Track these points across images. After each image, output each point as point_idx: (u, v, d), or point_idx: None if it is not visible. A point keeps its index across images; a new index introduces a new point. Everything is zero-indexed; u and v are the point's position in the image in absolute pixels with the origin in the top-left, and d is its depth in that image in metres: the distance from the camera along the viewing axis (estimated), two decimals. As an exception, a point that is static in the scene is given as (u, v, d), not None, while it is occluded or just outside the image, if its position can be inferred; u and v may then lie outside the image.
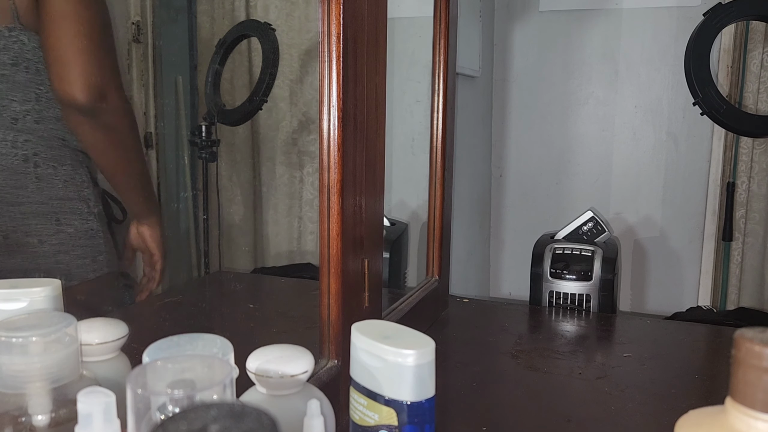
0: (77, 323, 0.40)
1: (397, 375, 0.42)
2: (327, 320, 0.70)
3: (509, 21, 2.17)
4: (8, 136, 0.57)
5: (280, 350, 0.48)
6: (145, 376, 0.33)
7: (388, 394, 0.42)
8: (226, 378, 0.32)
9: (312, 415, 0.44)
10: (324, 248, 0.69)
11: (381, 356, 0.42)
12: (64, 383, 0.39)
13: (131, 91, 1.04)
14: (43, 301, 0.45)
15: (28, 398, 0.38)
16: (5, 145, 0.57)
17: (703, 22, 1.18)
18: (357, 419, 0.45)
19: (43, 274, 0.53)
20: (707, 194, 2.02)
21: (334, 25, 0.66)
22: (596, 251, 1.26)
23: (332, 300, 0.70)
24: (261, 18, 1.21)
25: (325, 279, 0.70)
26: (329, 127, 0.67)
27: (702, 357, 1.05)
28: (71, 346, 0.39)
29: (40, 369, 0.38)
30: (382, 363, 0.42)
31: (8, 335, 0.37)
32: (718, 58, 1.95)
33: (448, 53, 1.11)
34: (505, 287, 2.28)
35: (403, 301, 1.00)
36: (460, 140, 1.75)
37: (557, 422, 0.77)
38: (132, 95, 1.04)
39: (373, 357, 0.43)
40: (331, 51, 0.66)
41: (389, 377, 0.42)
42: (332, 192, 0.68)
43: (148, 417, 0.31)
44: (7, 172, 0.57)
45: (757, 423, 0.32)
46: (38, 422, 0.38)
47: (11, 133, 0.57)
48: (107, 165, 0.68)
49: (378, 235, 0.79)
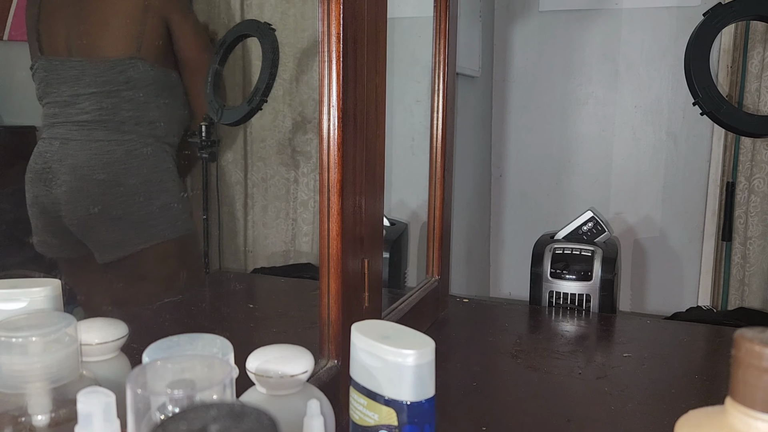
0: (77, 323, 0.40)
1: (397, 375, 0.42)
2: (327, 320, 0.70)
3: (509, 21, 2.17)
4: (116, 136, 0.78)
5: (279, 350, 0.48)
6: (144, 376, 0.33)
7: (388, 394, 0.42)
8: (225, 378, 0.32)
9: (312, 415, 0.44)
10: (324, 248, 0.69)
11: (381, 356, 0.42)
12: (64, 383, 0.39)
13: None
14: (42, 301, 0.45)
15: (28, 398, 0.38)
16: (113, 143, 0.77)
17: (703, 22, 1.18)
18: (357, 419, 0.45)
19: (138, 238, 0.81)
20: (707, 194, 2.02)
21: (334, 25, 0.66)
22: (596, 251, 1.26)
23: (332, 300, 0.70)
24: (259, 17, 1.21)
25: (325, 279, 0.70)
26: (329, 127, 0.67)
27: (702, 357, 1.05)
28: (71, 346, 0.39)
29: (39, 369, 0.38)
30: (382, 363, 0.42)
31: (8, 335, 0.37)
32: (718, 58, 1.95)
33: (448, 53, 1.11)
34: (505, 287, 2.28)
35: (403, 301, 1.00)
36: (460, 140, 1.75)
37: (557, 422, 0.77)
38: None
39: (373, 357, 0.43)
40: (331, 51, 0.66)
41: (389, 377, 0.42)
42: (332, 192, 0.68)
43: (148, 417, 0.31)
44: (114, 163, 0.77)
45: (757, 423, 0.32)
46: (38, 422, 0.38)
47: (118, 134, 0.78)
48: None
49: (378, 235, 0.79)
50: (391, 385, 0.42)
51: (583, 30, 2.09)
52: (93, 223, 0.77)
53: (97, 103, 0.76)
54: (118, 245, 0.80)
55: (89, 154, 0.76)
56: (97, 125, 0.76)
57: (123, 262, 0.81)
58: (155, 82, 0.82)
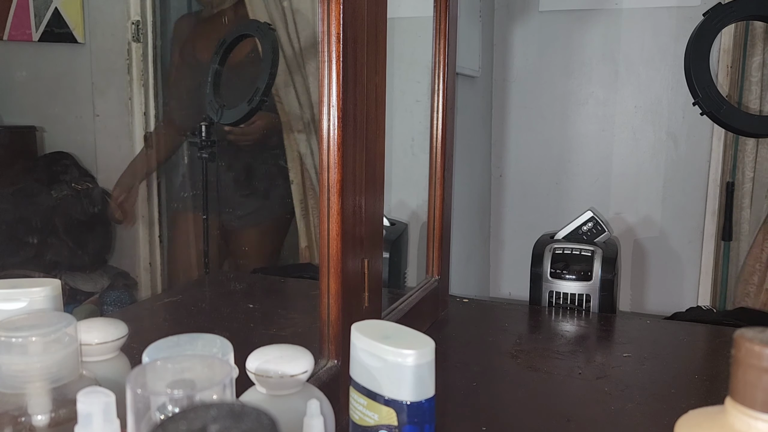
0: (76, 323, 0.40)
1: (396, 375, 0.42)
2: (327, 320, 0.70)
3: (509, 21, 2.17)
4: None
5: (279, 350, 0.48)
6: (144, 376, 0.33)
7: (388, 394, 0.42)
8: (225, 378, 0.32)
9: (312, 415, 0.44)
10: (324, 248, 0.69)
11: (381, 356, 0.42)
12: (64, 383, 0.39)
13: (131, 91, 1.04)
14: (42, 301, 0.45)
15: (27, 398, 0.38)
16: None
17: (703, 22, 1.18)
18: (357, 419, 0.45)
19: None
20: (707, 194, 2.02)
21: (334, 25, 0.66)
22: (596, 251, 1.26)
23: (332, 300, 0.70)
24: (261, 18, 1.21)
25: (324, 279, 0.70)
26: (329, 127, 0.67)
27: (702, 357, 1.05)
28: (71, 346, 0.39)
29: (39, 369, 0.38)
30: (382, 363, 0.42)
31: (8, 335, 0.37)
32: (718, 58, 1.95)
33: (447, 53, 1.11)
34: (505, 287, 2.28)
35: (402, 301, 1.00)
36: (460, 140, 1.75)
37: (557, 422, 0.77)
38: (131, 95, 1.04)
39: (372, 357, 0.43)
40: (331, 51, 0.66)
41: (389, 377, 0.42)
42: (332, 192, 0.68)
43: (147, 417, 0.31)
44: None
45: (758, 423, 0.32)
46: (38, 422, 0.38)
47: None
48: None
49: (378, 235, 0.79)
50: (391, 385, 0.42)
51: (583, 30, 2.09)
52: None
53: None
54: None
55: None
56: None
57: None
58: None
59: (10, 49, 0.83)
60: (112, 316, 0.51)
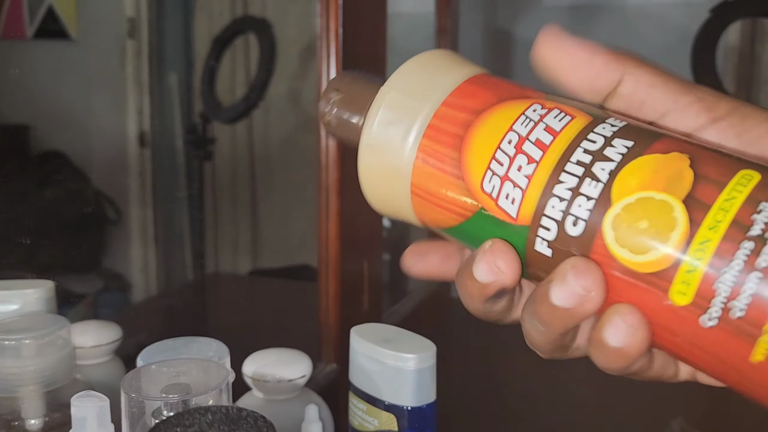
0: (70, 326, 0.40)
1: (397, 379, 0.41)
2: (325, 323, 0.70)
3: (513, 16, 2.17)
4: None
5: (277, 354, 0.48)
6: (139, 380, 0.33)
7: (388, 399, 0.42)
8: (222, 382, 0.32)
9: (310, 420, 0.43)
10: (322, 250, 0.69)
11: (381, 360, 0.42)
12: (58, 387, 0.39)
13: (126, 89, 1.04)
14: (36, 303, 0.45)
15: (21, 402, 0.38)
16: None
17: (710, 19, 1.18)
18: (356, 424, 0.45)
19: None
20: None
21: (333, 21, 0.65)
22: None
23: (331, 303, 0.69)
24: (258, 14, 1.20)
25: (323, 281, 0.69)
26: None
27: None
28: (64, 349, 0.39)
29: (33, 372, 0.38)
30: (381, 367, 0.42)
31: (1, 338, 0.37)
32: (724, 56, 1.94)
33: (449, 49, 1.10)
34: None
35: (403, 304, 0.99)
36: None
37: (557, 422, 0.77)
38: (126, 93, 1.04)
39: (372, 361, 0.42)
40: (330, 47, 0.65)
41: (389, 382, 0.42)
42: (331, 192, 0.68)
43: (142, 422, 0.31)
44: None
45: None
46: (31, 426, 0.38)
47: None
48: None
49: (377, 237, 0.79)
50: (392, 389, 0.42)
51: (588, 25, 2.09)
52: None
53: None
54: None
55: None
56: None
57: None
58: None
59: (3, 47, 0.82)
60: (106, 318, 0.51)
